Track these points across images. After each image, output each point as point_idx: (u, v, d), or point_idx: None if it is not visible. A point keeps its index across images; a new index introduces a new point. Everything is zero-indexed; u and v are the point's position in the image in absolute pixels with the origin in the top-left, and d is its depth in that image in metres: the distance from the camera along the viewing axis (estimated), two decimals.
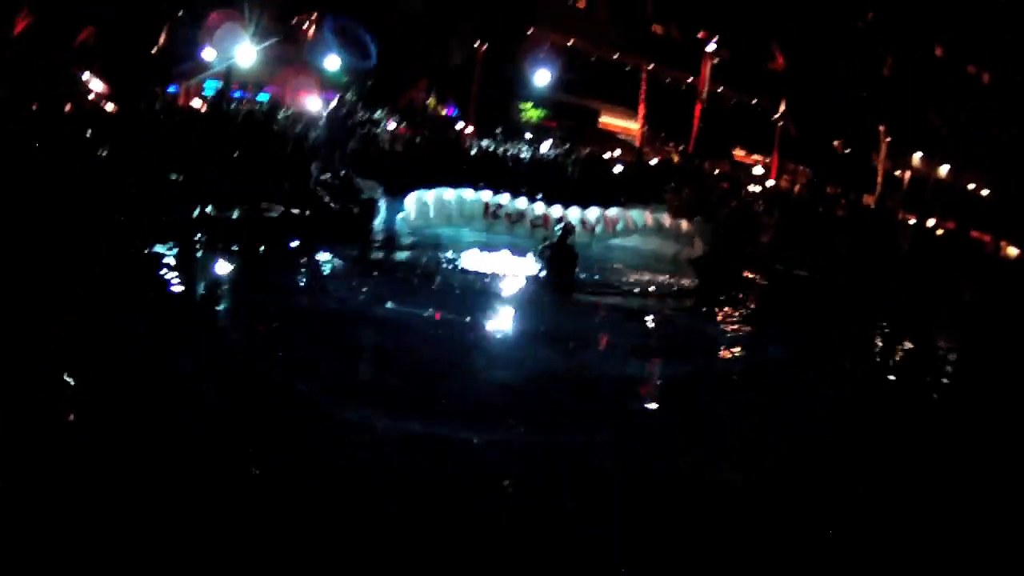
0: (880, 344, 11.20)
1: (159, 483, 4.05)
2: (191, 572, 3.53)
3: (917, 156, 33.18)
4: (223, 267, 9.43)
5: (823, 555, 4.36)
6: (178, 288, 7.93)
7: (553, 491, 4.71)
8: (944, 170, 33.13)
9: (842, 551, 4.41)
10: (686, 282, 13.20)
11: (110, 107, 14.95)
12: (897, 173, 31.60)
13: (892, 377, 9.49)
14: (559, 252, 11.26)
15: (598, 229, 14.17)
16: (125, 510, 3.80)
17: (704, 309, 11.72)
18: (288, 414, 5.25)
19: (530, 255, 11.96)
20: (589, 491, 4.73)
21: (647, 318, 10.46)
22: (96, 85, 16.52)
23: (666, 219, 14.95)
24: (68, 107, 14.11)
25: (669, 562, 4.10)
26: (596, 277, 12.39)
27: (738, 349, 9.37)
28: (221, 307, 8.01)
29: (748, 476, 5.16)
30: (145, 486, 4.02)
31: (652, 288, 12.41)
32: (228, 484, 4.26)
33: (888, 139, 28.12)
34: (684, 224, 15.08)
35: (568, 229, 11.74)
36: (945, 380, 9.81)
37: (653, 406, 6.91)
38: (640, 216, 14.68)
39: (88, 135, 12.51)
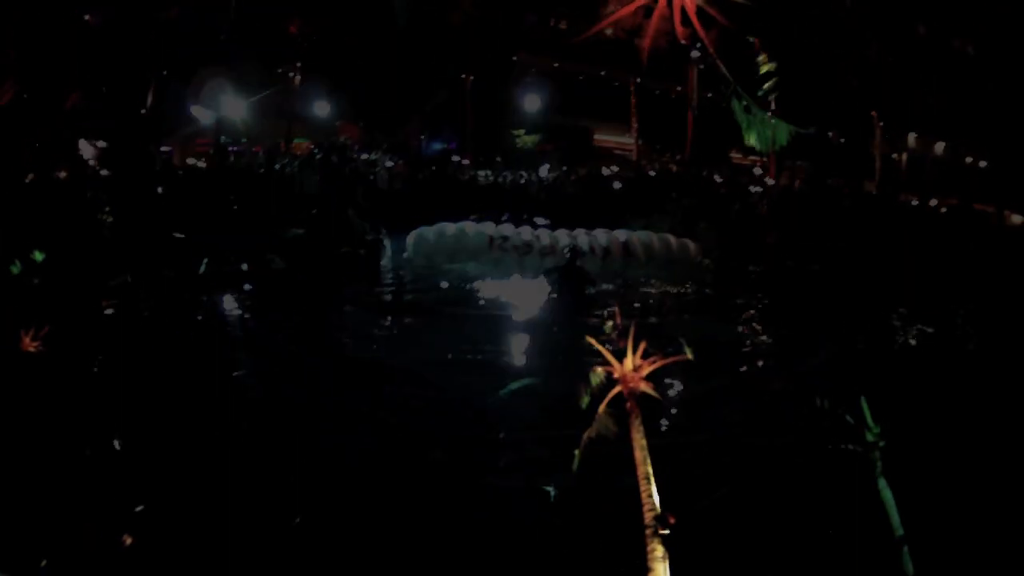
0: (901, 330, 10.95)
1: None
2: None
3: (912, 137, 33.20)
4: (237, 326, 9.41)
5: None
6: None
7: None
8: (940, 147, 33.12)
9: None
10: (703, 290, 13.11)
11: (105, 172, 15.05)
12: (894, 156, 31.51)
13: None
14: (568, 275, 11.02)
15: (611, 255, 13.84)
16: None
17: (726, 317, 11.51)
18: None
19: (540, 283, 11.76)
20: None
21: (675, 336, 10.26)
22: (87, 150, 16.65)
23: (673, 241, 14.61)
24: (64, 174, 14.23)
25: None
26: (610, 292, 12.27)
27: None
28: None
29: None
30: None
31: (671, 301, 12.27)
32: None
33: (881, 123, 28.08)
34: (692, 245, 14.83)
35: (576, 251, 11.62)
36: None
37: None
38: (646, 237, 14.33)
39: (87, 199, 12.61)
